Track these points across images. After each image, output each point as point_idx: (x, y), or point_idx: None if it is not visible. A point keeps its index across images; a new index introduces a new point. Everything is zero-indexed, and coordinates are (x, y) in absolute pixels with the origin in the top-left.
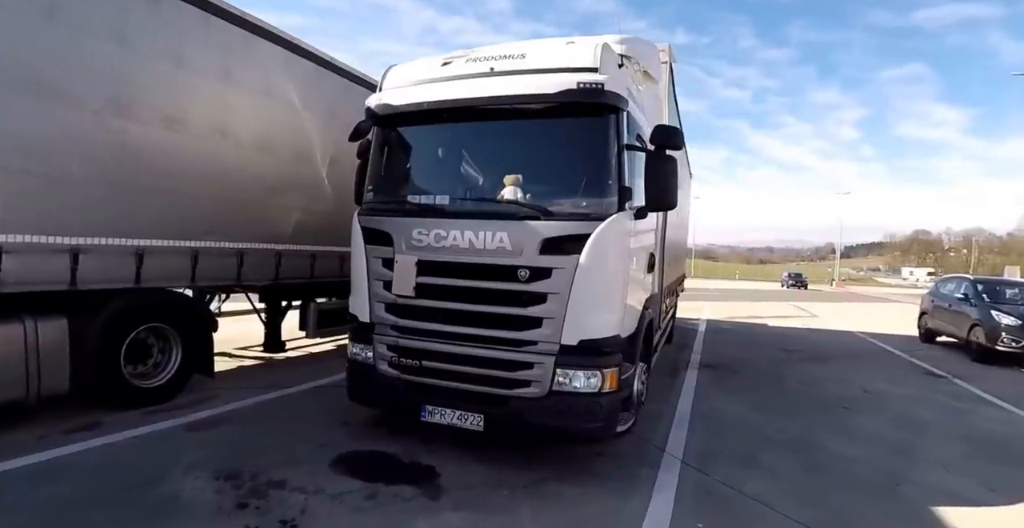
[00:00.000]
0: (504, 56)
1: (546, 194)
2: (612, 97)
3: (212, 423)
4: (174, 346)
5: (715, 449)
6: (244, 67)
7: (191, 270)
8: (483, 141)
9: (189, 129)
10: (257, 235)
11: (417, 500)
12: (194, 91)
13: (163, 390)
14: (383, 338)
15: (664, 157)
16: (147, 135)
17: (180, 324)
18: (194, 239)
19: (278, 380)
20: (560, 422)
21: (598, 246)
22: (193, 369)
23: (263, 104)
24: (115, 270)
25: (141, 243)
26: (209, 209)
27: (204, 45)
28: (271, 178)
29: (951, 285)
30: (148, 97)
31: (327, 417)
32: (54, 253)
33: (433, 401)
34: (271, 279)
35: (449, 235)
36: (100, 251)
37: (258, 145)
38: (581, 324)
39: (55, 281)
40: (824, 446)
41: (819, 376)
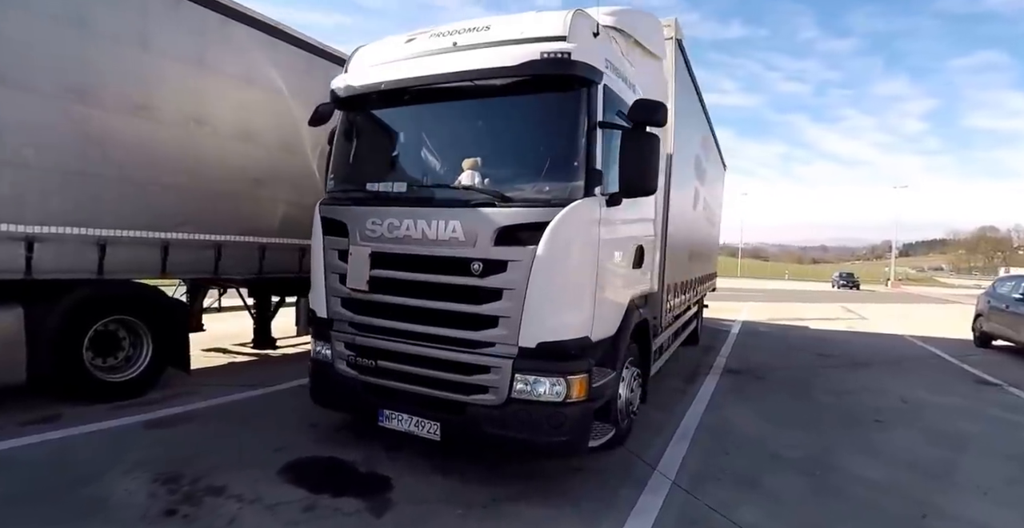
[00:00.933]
0: (468, 29)
1: (508, 178)
2: (582, 68)
3: (175, 421)
4: (144, 340)
5: (714, 468)
6: (220, 52)
7: (161, 262)
8: (444, 122)
9: (158, 116)
10: (239, 227)
11: (359, 515)
12: (163, 76)
13: (134, 384)
14: (340, 335)
15: (643, 134)
16: (111, 123)
17: (148, 317)
18: (165, 230)
19: (263, 378)
20: (521, 434)
21: (558, 236)
22: (166, 363)
23: (243, 91)
24: (75, 260)
25: (104, 233)
26: (182, 199)
27: (174, 28)
28: (255, 169)
29: (1009, 285)
30: (112, 83)
31: (297, 419)
32: (6, 241)
33: (390, 405)
34: (255, 273)
35: (402, 225)
36: (58, 240)
37: (239, 134)
38: (540, 324)
39: (8, 270)
40: (842, 466)
41: (854, 384)
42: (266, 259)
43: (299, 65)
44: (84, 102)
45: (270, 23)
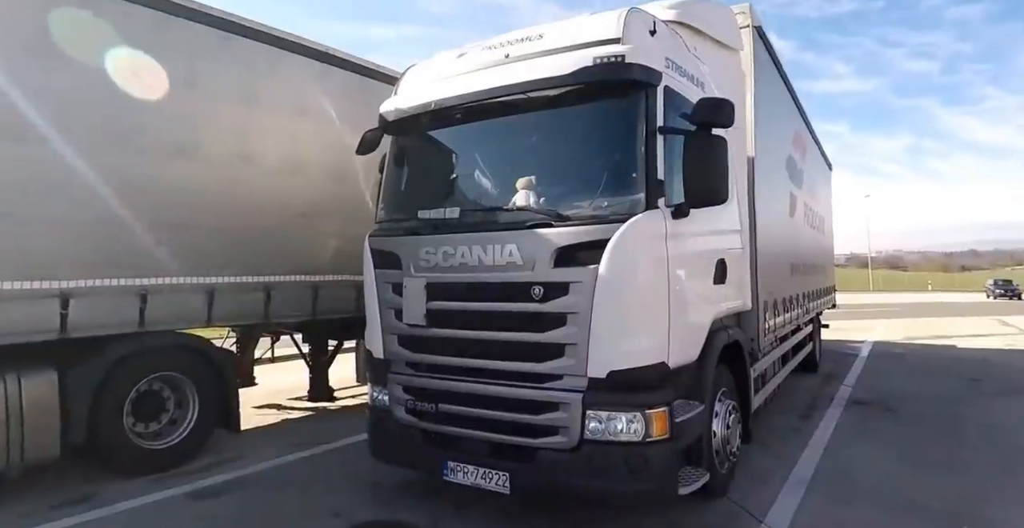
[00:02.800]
0: (521, 40)
1: (564, 196)
2: (637, 70)
3: (222, 490)
4: (191, 398)
5: (835, 523)
6: (268, 85)
7: (207, 309)
8: (497, 140)
9: (200, 156)
10: (288, 266)
11: None
12: (210, 115)
13: (179, 450)
14: (398, 377)
15: (708, 137)
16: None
17: (195, 372)
18: (208, 275)
19: (320, 435)
20: (597, 481)
21: (620, 253)
22: (214, 424)
23: (292, 123)
24: (114, 313)
25: (144, 282)
26: (225, 241)
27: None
28: (300, 202)
29: None
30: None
31: (357, 479)
32: (40, 300)
33: (456, 456)
34: (308, 315)
35: (457, 252)
36: (95, 293)
37: (286, 167)
38: (610, 351)
39: (42, 330)
40: (998, 519)
41: (1014, 416)
42: (319, 298)
43: (351, 89)
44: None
45: (320, 49)
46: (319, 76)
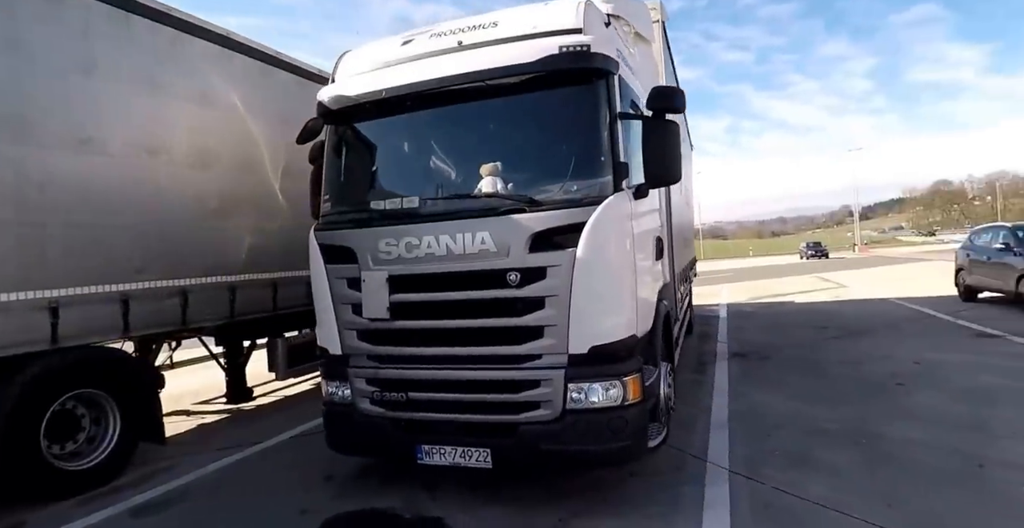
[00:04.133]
0: (473, 27)
1: (532, 181)
2: (600, 60)
3: (165, 503)
4: (110, 413)
5: (763, 451)
6: (172, 70)
7: (122, 319)
8: (455, 128)
9: (106, 149)
10: (203, 268)
11: None
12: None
13: (102, 469)
14: (360, 371)
15: (664, 122)
16: (50, 161)
17: (114, 386)
18: (122, 281)
19: (246, 435)
20: (580, 446)
21: (596, 235)
22: (138, 438)
23: (198, 112)
24: (24, 330)
25: (54, 294)
26: (137, 242)
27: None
28: (212, 198)
29: (987, 236)
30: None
31: (307, 474)
32: None
33: (429, 439)
34: (226, 317)
35: (422, 242)
36: (3, 309)
37: (193, 160)
38: (589, 328)
39: None
40: (885, 433)
41: (861, 352)
42: (237, 300)
43: (253, 77)
44: (18, 141)
45: (220, 32)
46: (221, 61)
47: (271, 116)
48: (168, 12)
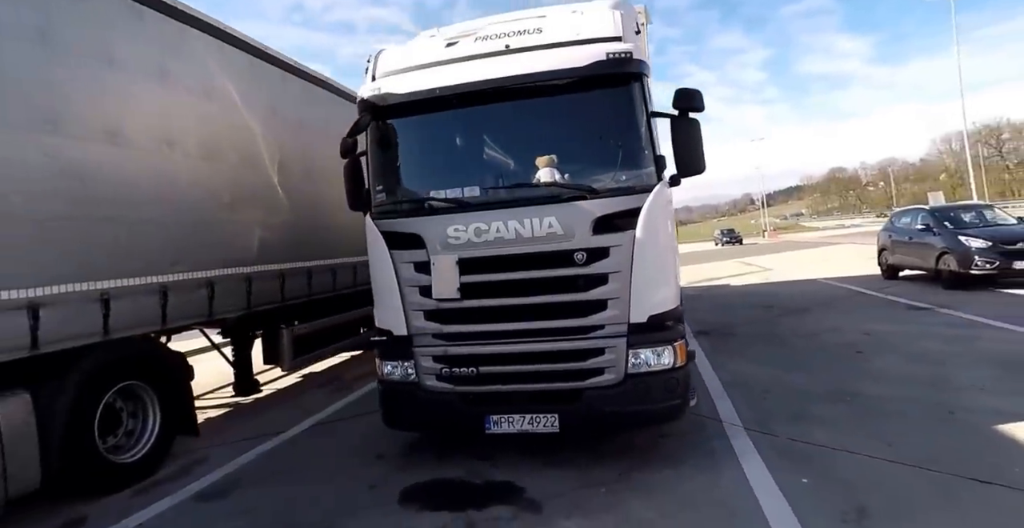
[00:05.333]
0: (519, 32)
1: (583, 172)
2: (639, 65)
3: (223, 489)
4: (150, 406)
5: (766, 411)
6: (183, 64)
7: (161, 310)
8: (506, 123)
9: (134, 142)
10: (224, 259)
11: (521, 518)
12: (133, 96)
13: (145, 461)
14: (427, 350)
15: (690, 120)
16: (89, 154)
17: (156, 378)
18: (161, 273)
19: (261, 426)
20: (640, 406)
21: (650, 218)
22: (176, 430)
23: (206, 106)
24: (80, 322)
25: (105, 285)
26: (170, 234)
27: (135, 41)
28: (226, 191)
29: (907, 218)
30: (86, 108)
31: (355, 455)
32: (9, 311)
33: (497, 409)
34: (244, 308)
35: (491, 227)
36: (62, 301)
37: (206, 154)
38: (647, 300)
39: (14, 348)
40: (862, 391)
41: (812, 326)
42: (253, 291)
43: (244, 71)
44: (59, 133)
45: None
46: (224, 57)
47: (264, 112)
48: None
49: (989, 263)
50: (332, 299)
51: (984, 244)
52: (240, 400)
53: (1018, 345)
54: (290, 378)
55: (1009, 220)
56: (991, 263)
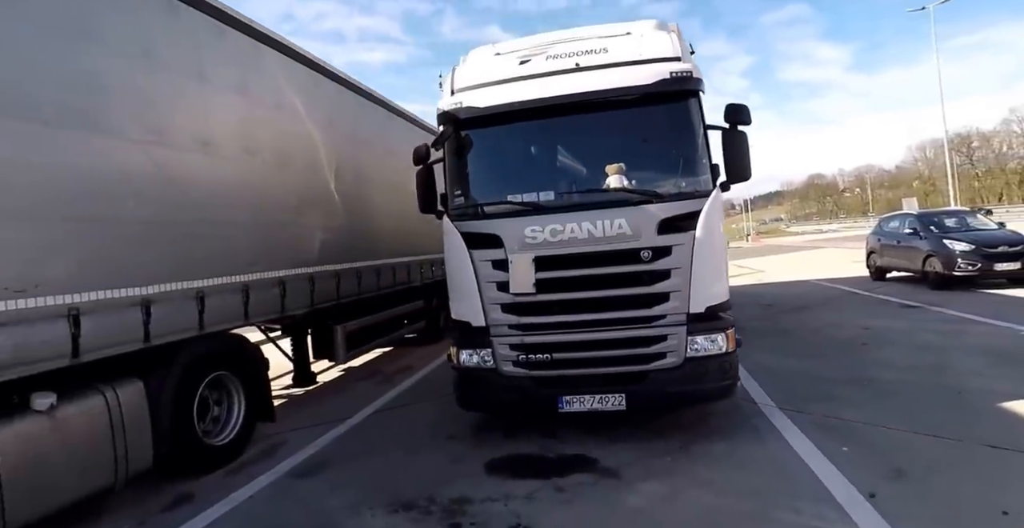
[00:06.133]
0: (586, 51)
1: (647, 178)
2: (697, 82)
3: (314, 467)
4: (235, 394)
5: (794, 394)
6: (259, 79)
7: (243, 308)
8: (577, 134)
9: (221, 151)
10: (293, 260)
11: (604, 483)
12: (220, 109)
13: (232, 445)
14: (504, 339)
15: (739, 133)
16: (186, 162)
17: (240, 369)
18: (243, 273)
19: (327, 414)
20: (697, 386)
21: (708, 220)
22: (256, 417)
23: (277, 117)
24: (181, 318)
25: (200, 284)
26: (250, 237)
27: (221, 57)
28: (293, 196)
29: (895, 223)
30: (183, 120)
31: (427, 437)
32: (127, 307)
33: (569, 391)
34: (308, 306)
35: (566, 228)
36: (167, 298)
37: (278, 162)
38: (705, 292)
39: (131, 340)
40: (876, 377)
41: (814, 323)
42: (315, 290)
43: (307, 83)
44: (162, 144)
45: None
46: (290, 72)
47: (324, 123)
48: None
49: (971, 265)
50: (375, 298)
51: (967, 247)
52: (293, 391)
53: (1004, 338)
54: (332, 372)
55: (990, 225)
56: (973, 265)
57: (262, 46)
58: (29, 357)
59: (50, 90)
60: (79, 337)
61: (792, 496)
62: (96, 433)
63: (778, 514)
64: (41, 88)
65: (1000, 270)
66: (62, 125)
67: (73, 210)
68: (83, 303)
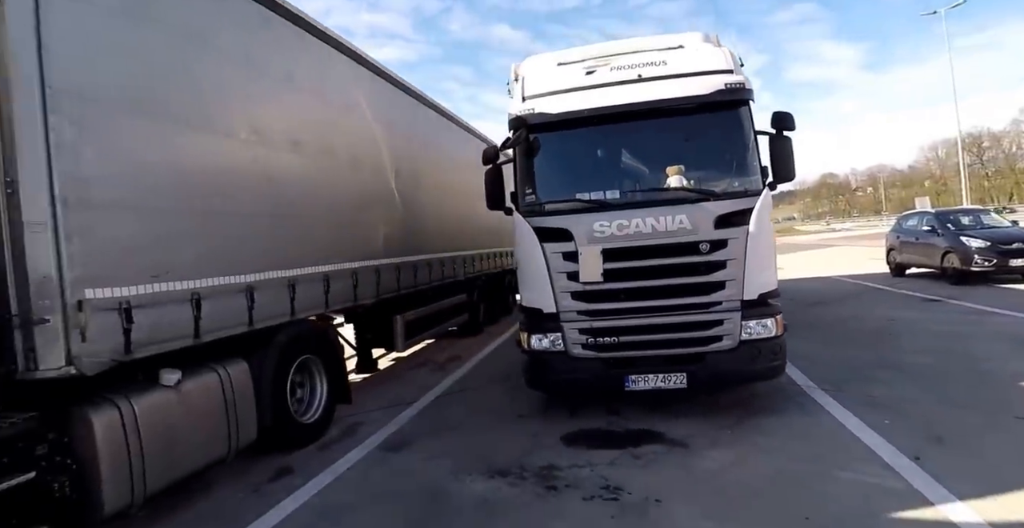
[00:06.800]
0: (647, 63)
1: (704, 179)
2: (749, 93)
3: (402, 442)
4: (317, 377)
5: (834, 377)
6: (334, 83)
7: (324, 296)
8: (640, 138)
9: (306, 150)
10: (363, 253)
11: (675, 451)
12: (304, 110)
13: (318, 425)
14: (573, 324)
15: (784, 138)
16: (280, 161)
17: (324, 353)
18: (324, 263)
19: (394, 398)
20: (751, 366)
21: (760, 216)
22: (336, 399)
23: (348, 120)
24: (278, 304)
25: (292, 273)
26: (329, 230)
27: (303, 62)
28: (363, 193)
29: (913, 221)
30: (277, 121)
31: (498, 416)
32: (235, 293)
33: (634, 371)
34: (374, 296)
35: (631, 223)
36: (267, 286)
37: (350, 161)
38: (757, 281)
39: (238, 323)
40: (905, 361)
41: (840, 315)
42: (381, 282)
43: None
44: (262, 143)
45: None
46: (357, 76)
47: (385, 125)
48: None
49: (988, 261)
50: (426, 290)
51: (983, 244)
52: (355, 378)
53: (1023, 327)
54: (383, 361)
55: (1004, 223)
56: (990, 261)
57: (334, 51)
58: (160, 337)
59: (178, 94)
60: (200, 319)
61: (848, 459)
62: (213, 407)
63: (839, 474)
64: (171, 93)
65: (1015, 265)
66: (188, 125)
67: (196, 203)
68: (202, 288)
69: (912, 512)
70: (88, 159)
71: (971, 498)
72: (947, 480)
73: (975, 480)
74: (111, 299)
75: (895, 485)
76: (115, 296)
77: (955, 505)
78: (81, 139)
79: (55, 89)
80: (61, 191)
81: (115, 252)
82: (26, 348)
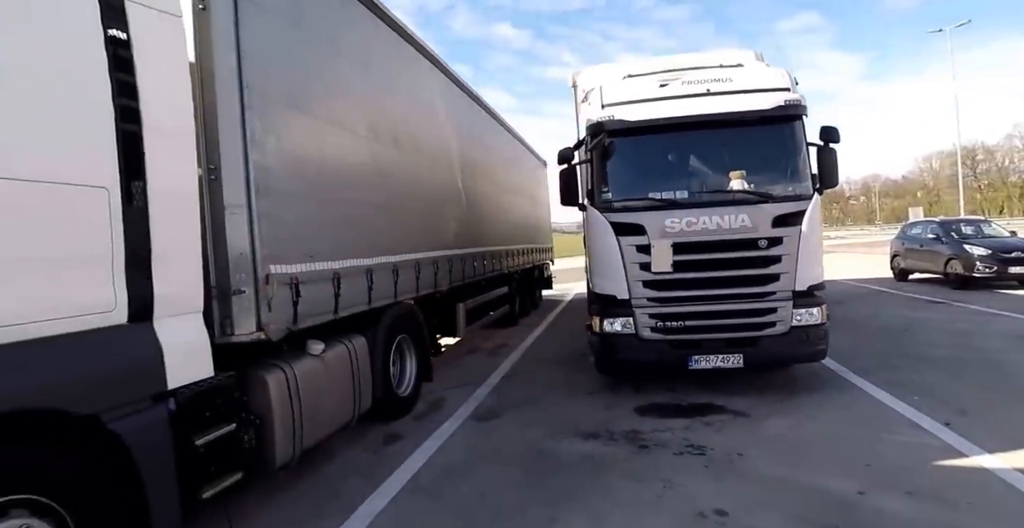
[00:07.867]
0: (715, 80)
1: (763, 183)
2: (803, 109)
3: (489, 413)
4: (408, 354)
5: (860, 363)
6: (421, 88)
7: (415, 282)
8: (707, 146)
9: (403, 148)
10: (441, 243)
11: (739, 419)
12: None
13: (410, 399)
14: (644, 310)
15: (830, 149)
16: (387, 157)
17: (414, 333)
18: (415, 252)
19: (464, 378)
20: (799, 349)
21: (811, 217)
22: (423, 377)
23: (430, 121)
24: (386, 287)
25: (396, 259)
26: (419, 221)
27: (397, 63)
28: (440, 188)
29: (917, 229)
30: (384, 120)
31: (568, 393)
32: (361, 275)
33: (697, 352)
34: (448, 284)
35: (699, 220)
36: (380, 269)
37: (431, 158)
38: (807, 275)
39: (361, 302)
40: (926, 353)
41: (854, 314)
42: (453, 270)
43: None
44: (377, 140)
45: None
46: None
47: (457, 127)
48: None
49: (989, 267)
50: (480, 281)
51: (985, 251)
52: None
53: None
54: None
55: (1003, 233)
56: (991, 268)
57: (420, 55)
58: (315, 311)
59: (320, 95)
60: (339, 296)
61: (888, 424)
62: (345, 376)
63: (884, 436)
64: (316, 93)
65: (1014, 273)
66: (328, 122)
67: (335, 193)
68: (340, 269)
69: (951, 461)
70: (269, 151)
71: (999, 452)
72: (977, 439)
73: (1001, 440)
74: (286, 274)
75: (932, 442)
76: (288, 272)
77: (986, 457)
78: (264, 132)
79: (250, 87)
80: (255, 178)
81: (285, 234)
82: (222, 316)
